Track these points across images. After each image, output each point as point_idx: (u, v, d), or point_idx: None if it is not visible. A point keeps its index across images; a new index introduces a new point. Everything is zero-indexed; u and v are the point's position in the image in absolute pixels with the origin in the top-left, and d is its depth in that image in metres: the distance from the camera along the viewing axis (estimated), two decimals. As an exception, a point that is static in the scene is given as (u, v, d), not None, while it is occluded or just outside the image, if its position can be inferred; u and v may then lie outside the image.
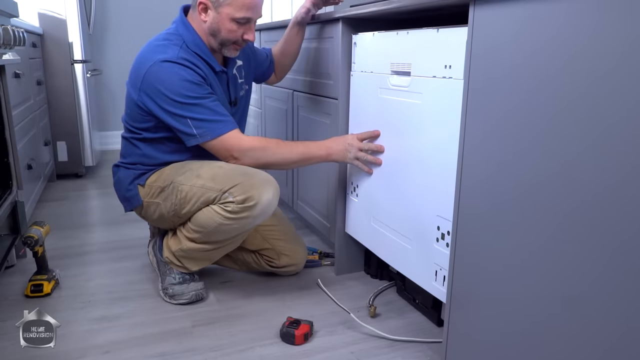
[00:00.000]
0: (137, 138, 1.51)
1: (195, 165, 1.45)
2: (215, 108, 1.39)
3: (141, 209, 1.53)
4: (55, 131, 2.87)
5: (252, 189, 1.34)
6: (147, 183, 1.50)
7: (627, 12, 0.68)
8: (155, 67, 1.37)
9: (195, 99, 1.36)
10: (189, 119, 1.37)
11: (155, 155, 1.50)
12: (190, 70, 1.38)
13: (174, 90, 1.35)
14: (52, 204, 2.48)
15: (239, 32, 1.42)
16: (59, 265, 1.72)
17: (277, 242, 1.62)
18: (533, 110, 0.85)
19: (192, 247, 1.46)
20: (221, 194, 1.36)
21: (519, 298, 0.92)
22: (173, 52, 1.39)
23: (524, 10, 0.85)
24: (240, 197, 1.33)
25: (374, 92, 1.42)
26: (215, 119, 1.38)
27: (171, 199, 1.44)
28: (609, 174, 0.73)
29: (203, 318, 1.43)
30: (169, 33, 1.46)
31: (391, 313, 1.45)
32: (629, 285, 0.71)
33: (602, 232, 0.75)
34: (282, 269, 1.63)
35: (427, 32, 1.17)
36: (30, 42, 2.37)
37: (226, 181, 1.36)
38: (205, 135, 1.38)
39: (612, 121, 0.72)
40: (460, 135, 1.04)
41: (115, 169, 1.58)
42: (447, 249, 1.16)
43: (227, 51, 1.47)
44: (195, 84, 1.37)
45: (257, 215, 1.36)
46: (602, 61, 0.72)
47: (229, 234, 1.41)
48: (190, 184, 1.40)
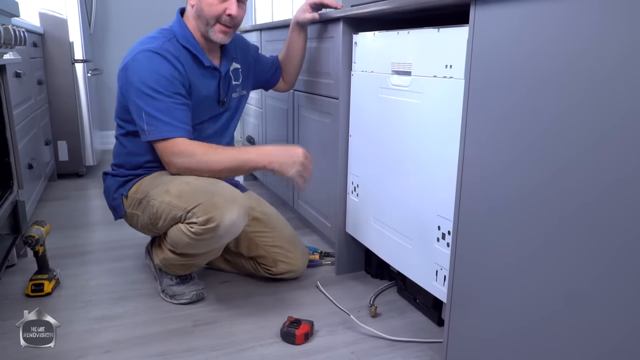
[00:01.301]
0: (123, 133, 1.51)
1: (167, 179, 1.41)
2: (172, 110, 1.36)
3: (126, 218, 1.55)
4: (56, 131, 2.88)
5: (214, 210, 1.29)
6: (129, 194, 1.49)
7: (629, 12, 0.68)
8: (137, 56, 1.37)
9: (158, 93, 1.34)
10: (143, 112, 1.35)
11: (138, 151, 1.49)
12: (167, 63, 1.37)
13: (142, 79, 1.35)
14: (52, 204, 2.48)
15: (220, 7, 1.40)
16: (59, 264, 1.72)
17: (271, 249, 1.59)
18: (534, 110, 0.85)
19: (172, 257, 1.45)
20: (185, 213, 1.32)
21: (519, 298, 0.92)
22: (158, 43, 1.39)
23: (524, 10, 0.85)
24: (202, 218, 1.29)
25: (374, 92, 1.42)
26: (167, 121, 1.35)
27: (147, 213, 1.44)
28: (609, 174, 0.73)
29: (204, 318, 1.43)
30: (162, 29, 1.47)
31: (392, 313, 1.45)
32: (629, 284, 0.71)
33: (603, 231, 0.75)
34: (282, 276, 1.62)
35: (427, 32, 1.17)
36: (31, 41, 2.37)
37: (190, 199, 1.32)
38: (152, 134, 1.36)
39: (613, 122, 0.72)
40: (461, 135, 1.04)
41: (104, 176, 1.60)
42: (447, 248, 1.16)
43: (213, 34, 1.43)
44: (165, 78, 1.35)
45: (222, 235, 1.32)
46: (604, 61, 0.72)
47: (202, 250, 1.39)
48: (160, 200, 1.38)
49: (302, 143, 1.93)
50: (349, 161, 1.61)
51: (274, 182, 2.33)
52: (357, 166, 1.56)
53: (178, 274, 1.52)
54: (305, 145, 1.89)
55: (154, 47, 1.37)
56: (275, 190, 2.32)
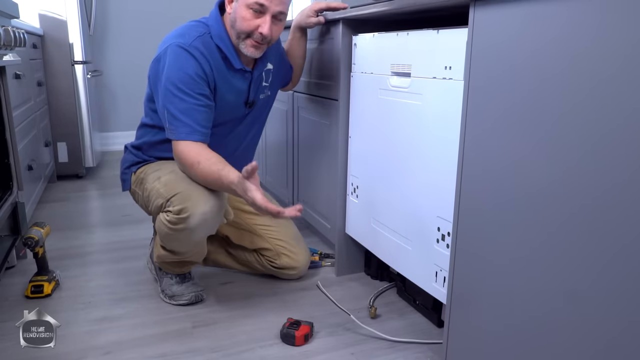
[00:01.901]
0: (150, 124, 1.52)
1: (165, 166, 1.46)
2: (193, 112, 1.35)
3: (131, 192, 1.58)
4: (55, 132, 2.88)
5: (188, 200, 1.30)
6: (137, 171, 1.53)
7: (630, 12, 0.68)
8: (168, 50, 1.36)
9: (182, 93, 1.34)
10: (166, 110, 1.36)
11: (160, 145, 1.51)
12: (195, 62, 1.35)
13: (168, 76, 1.35)
14: (52, 205, 2.48)
15: (253, 23, 1.35)
16: (59, 266, 1.72)
17: (276, 241, 1.61)
18: (534, 112, 0.85)
19: (164, 254, 1.47)
20: (165, 202, 1.35)
21: (519, 299, 0.92)
22: (189, 38, 1.37)
23: (524, 11, 0.85)
24: (177, 208, 1.31)
25: (374, 93, 1.42)
26: (187, 123, 1.35)
27: (144, 194, 1.48)
28: (610, 176, 0.73)
29: (204, 319, 1.43)
30: (199, 21, 1.45)
31: (391, 314, 1.45)
32: (628, 283, 0.71)
33: (603, 234, 0.75)
34: (284, 271, 1.62)
35: (427, 33, 1.17)
36: (30, 43, 2.38)
37: (172, 189, 1.35)
38: (171, 133, 1.37)
39: (615, 124, 0.72)
40: (461, 137, 1.04)
41: (125, 149, 1.63)
42: (447, 250, 1.16)
43: (244, 46, 1.39)
44: (190, 78, 1.34)
45: (194, 227, 1.31)
46: (605, 62, 0.72)
47: (180, 243, 1.39)
48: (152, 185, 1.42)
49: (302, 144, 1.93)
50: (348, 162, 1.61)
51: (273, 183, 2.33)
52: (356, 167, 1.56)
53: (175, 272, 1.52)
54: (305, 147, 1.89)
55: (184, 42, 1.36)
56: (275, 191, 2.32)
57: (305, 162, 1.92)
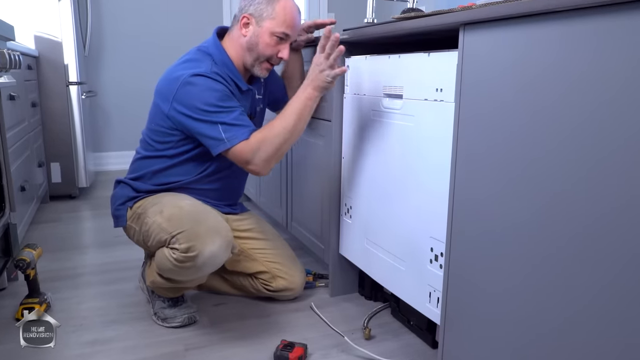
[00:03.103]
0: (153, 156, 1.52)
1: (166, 199, 1.45)
2: (242, 116, 1.40)
3: (125, 229, 1.56)
4: (49, 152, 2.87)
5: (196, 239, 1.31)
6: (133, 206, 1.51)
7: (623, 38, 0.70)
8: (189, 80, 1.37)
9: (226, 107, 1.38)
10: (219, 124, 1.37)
11: (171, 172, 1.51)
12: (223, 84, 1.40)
13: (207, 101, 1.36)
14: (45, 226, 2.47)
15: (275, 49, 1.45)
16: (51, 287, 1.71)
17: (272, 264, 1.61)
18: (524, 133, 0.86)
19: (160, 281, 1.46)
20: (170, 238, 1.34)
21: (513, 320, 0.92)
22: (206, 67, 1.41)
23: (511, 35, 0.87)
24: (184, 246, 1.31)
25: (367, 114, 1.43)
26: (242, 124, 1.38)
27: (142, 229, 1.45)
28: (602, 202, 0.74)
29: (196, 341, 1.41)
30: (199, 51, 1.48)
31: (386, 335, 1.45)
32: (618, 310, 0.72)
33: (593, 257, 0.75)
34: (279, 293, 1.62)
35: (418, 56, 1.19)
36: (25, 64, 2.39)
37: (177, 225, 1.34)
38: (232, 140, 1.37)
39: (605, 151, 0.73)
40: (452, 158, 1.05)
41: (116, 183, 1.60)
42: (440, 270, 1.16)
43: (258, 69, 1.48)
44: (226, 95, 1.39)
45: (201, 265, 1.33)
46: (596, 87, 0.74)
47: (184, 277, 1.39)
48: (153, 220, 1.41)
49: (296, 164, 1.94)
50: (342, 183, 1.61)
51: (267, 203, 2.33)
52: (350, 188, 1.57)
53: (168, 296, 1.51)
54: (299, 167, 1.90)
55: (203, 71, 1.39)
56: (269, 211, 2.32)
57: (299, 182, 1.93)
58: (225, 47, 1.49)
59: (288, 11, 1.44)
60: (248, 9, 1.45)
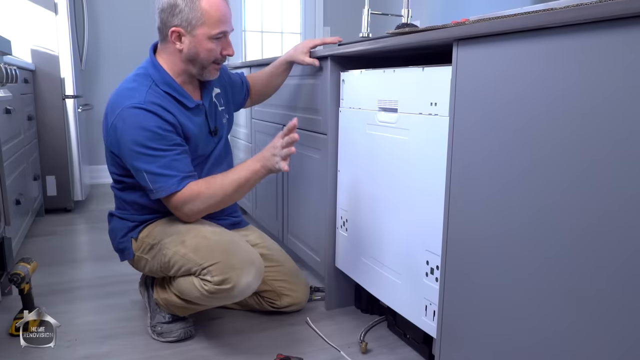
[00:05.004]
0: (120, 188, 1.48)
1: (183, 228, 1.41)
2: (173, 163, 1.33)
3: (132, 261, 1.52)
4: (44, 165, 2.87)
5: (231, 271, 1.30)
6: (139, 237, 1.46)
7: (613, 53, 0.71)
8: (122, 114, 1.32)
9: (155, 150, 1.31)
10: (144, 172, 1.31)
11: (142, 202, 1.46)
12: (157, 118, 1.32)
13: (134, 139, 1.30)
14: (40, 240, 2.46)
15: (218, 50, 1.39)
16: (45, 302, 1.69)
17: (277, 283, 1.60)
18: (517, 147, 0.87)
19: (177, 301, 1.44)
20: (201, 269, 1.33)
21: (509, 332, 0.92)
22: (140, 97, 1.33)
23: (505, 50, 0.88)
24: (218, 278, 1.30)
25: (362, 128, 1.44)
26: (171, 174, 1.32)
27: (158, 260, 1.42)
28: (595, 213, 0.75)
29: (192, 356, 1.40)
30: (138, 74, 1.41)
31: (382, 349, 1.44)
32: (615, 316, 0.72)
33: (589, 265, 0.76)
34: (285, 309, 1.63)
35: (412, 71, 1.20)
36: (22, 78, 2.39)
37: (208, 256, 1.32)
38: (160, 191, 1.33)
39: (598, 161, 0.74)
40: (447, 171, 1.06)
41: (109, 217, 1.56)
42: (436, 283, 1.16)
43: (208, 73, 1.43)
44: (157, 135, 1.31)
45: (235, 296, 1.34)
46: (586, 100, 0.75)
47: (211, 305, 1.41)
48: (174, 250, 1.37)
49: (291, 178, 1.94)
50: (337, 196, 1.62)
51: (263, 216, 2.33)
52: (345, 201, 1.57)
53: (177, 314, 1.49)
54: (295, 180, 1.91)
55: (138, 102, 1.32)
56: (265, 224, 2.31)
57: (294, 196, 1.93)
58: (163, 63, 1.41)
59: (214, 8, 1.34)
60: (172, 22, 1.34)
